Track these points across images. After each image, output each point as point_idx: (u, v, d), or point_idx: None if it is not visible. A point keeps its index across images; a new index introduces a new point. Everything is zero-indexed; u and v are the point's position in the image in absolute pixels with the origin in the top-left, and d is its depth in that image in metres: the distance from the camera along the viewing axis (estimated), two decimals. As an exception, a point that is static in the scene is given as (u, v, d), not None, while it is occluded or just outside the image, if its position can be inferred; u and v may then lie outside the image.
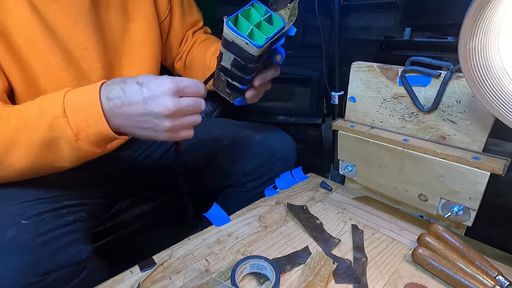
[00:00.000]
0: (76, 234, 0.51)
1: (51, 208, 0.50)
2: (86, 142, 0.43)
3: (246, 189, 0.75)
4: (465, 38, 0.38)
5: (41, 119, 0.41)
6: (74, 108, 0.41)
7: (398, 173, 0.60)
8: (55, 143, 0.42)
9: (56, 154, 0.44)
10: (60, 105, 0.41)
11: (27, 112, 0.42)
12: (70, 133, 0.41)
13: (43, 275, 0.44)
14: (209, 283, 0.43)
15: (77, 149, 0.43)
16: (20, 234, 0.44)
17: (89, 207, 0.59)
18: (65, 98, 0.41)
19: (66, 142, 0.42)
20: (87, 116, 0.41)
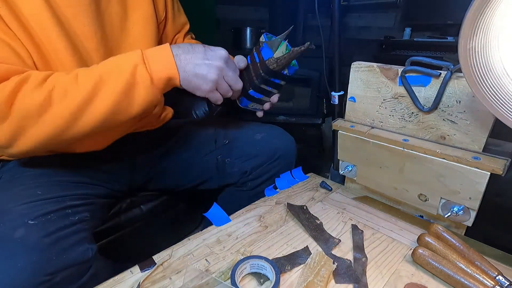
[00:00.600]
0: (81, 233, 0.51)
1: (56, 208, 0.50)
2: (157, 86, 0.51)
3: (247, 188, 0.75)
4: (465, 38, 0.38)
5: (124, 67, 0.48)
6: (151, 57, 0.50)
7: (398, 173, 0.60)
8: (134, 87, 0.49)
9: (131, 99, 0.50)
10: (140, 55, 0.49)
11: (109, 63, 0.50)
12: (147, 77, 0.49)
13: (52, 274, 0.45)
14: (209, 283, 0.43)
15: (149, 93, 0.50)
16: (28, 235, 0.44)
17: (92, 207, 0.59)
18: (144, 51, 0.50)
19: (143, 86, 0.49)
20: (161, 62, 0.50)
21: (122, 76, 0.48)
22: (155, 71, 0.50)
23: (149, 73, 0.49)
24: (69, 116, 0.47)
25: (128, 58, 0.50)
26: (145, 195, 0.83)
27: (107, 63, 0.50)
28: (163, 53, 0.51)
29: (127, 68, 0.48)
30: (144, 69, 0.49)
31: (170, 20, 0.76)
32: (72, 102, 0.46)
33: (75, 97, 0.46)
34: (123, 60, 0.50)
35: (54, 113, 0.46)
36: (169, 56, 0.51)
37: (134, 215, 0.80)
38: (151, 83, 0.50)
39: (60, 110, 0.46)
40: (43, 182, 0.54)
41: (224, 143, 0.75)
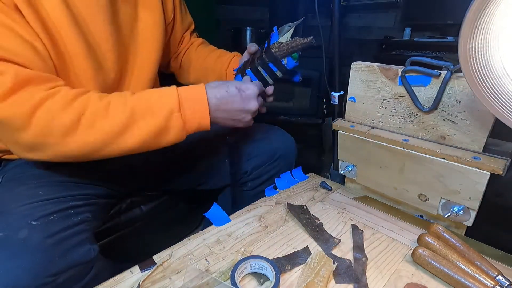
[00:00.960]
0: (84, 234, 0.51)
1: (58, 209, 0.50)
2: (187, 131, 0.52)
3: (247, 188, 0.75)
4: (465, 38, 0.38)
5: (160, 110, 0.49)
6: (186, 103, 0.50)
7: (398, 173, 0.60)
8: (165, 132, 0.50)
9: (161, 139, 0.51)
10: (176, 99, 0.50)
11: (144, 100, 0.49)
12: (180, 124, 0.50)
13: (55, 275, 0.45)
14: (209, 283, 0.43)
15: (178, 137, 0.52)
16: (31, 235, 0.44)
17: (94, 207, 0.59)
18: (178, 93, 0.50)
19: (174, 131, 0.51)
20: (196, 111, 0.51)
21: (155, 120, 0.49)
22: (189, 120, 0.51)
23: (183, 121, 0.50)
24: (93, 146, 0.47)
25: (164, 100, 0.50)
26: (145, 195, 0.83)
27: (142, 98, 0.50)
28: (199, 98, 0.51)
29: (162, 113, 0.49)
30: (179, 117, 0.50)
31: (178, 21, 0.78)
32: (99, 133, 0.47)
33: (104, 129, 0.46)
34: (159, 101, 0.50)
35: (78, 139, 0.46)
36: (204, 103, 0.52)
37: (134, 215, 0.80)
38: (182, 129, 0.51)
39: (86, 138, 0.46)
40: (45, 182, 0.54)
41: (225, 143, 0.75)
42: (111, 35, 0.58)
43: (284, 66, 0.64)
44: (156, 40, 0.68)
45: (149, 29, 0.66)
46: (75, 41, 0.53)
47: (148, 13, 0.66)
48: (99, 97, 0.48)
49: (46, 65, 0.49)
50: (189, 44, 0.84)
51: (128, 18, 0.63)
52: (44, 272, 0.43)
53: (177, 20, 0.78)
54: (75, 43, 0.53)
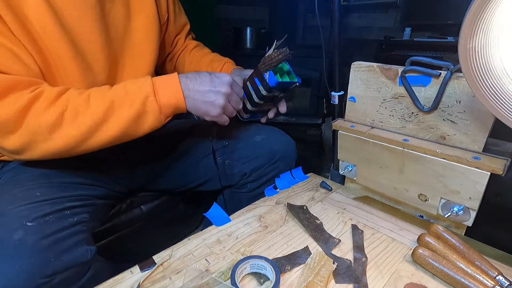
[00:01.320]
0: (80, 235, 0.51)
1: (54, 210, 0.50)
2: (164, 113, 0.54)
3: (246, 190, 0.75)
4: (465, 38, 0.38)
5: (136, 96, 0.51)
6: (160, 87, 0.53)
7: (398, 173, 0.60)
8: (144, 116, 0.52)
9: (140, 125, 0.53)
10: (150, 85, 0.52)
11: (121, 90, 0.52)
12: (156, 107, 0.52)
13: (50, 276, 0.45)
14: (209, 283, 0.43)
15: (156, 120, 0.54)
16: (26, 236, 0.44)
17: (92, 208, 0.59)
18: (153, 81, 0.53)
19: (151, 115, 0.53)
20: (169, 92, 0.53)
21: (133, 105, 0.51)
22: (164, 101, 0.53)
23: (158, 104, 0.53)
24: (79, 137, 0.49)
25: (139, 87, 0.52)
26: (145, 195, 0.83)
27: (118, 88, 0.52)
28: (172, 83, 0.54)
29: (138, 98, 0.51)
30: (154, 100, 0.52)
31: (172, 21, 0.77)
32: (82, 124, 0.49)
33: (86, 120, 0.49)
34: (134, 88, 0.52)
35: (64, 133, 0.48)
36: (177, 86, 0.54)
37: (134, 215, 0.80)
38: (159, 112, 0.53)
39: (70, 130, 0.49)
40: (42, 184, 0.54)
41: (224, 145, 0.75)
42: (100, 35, 0.58)
43: (266, 81, 0.61)
44: (151, 40, 0.67)
45: (143, 29, 0.66)
46: (60, 43, 0.53)
47: (141, 13, 0.65)
48: (78, 92, 0.50)
49: (29, 69, 0.50)
50: (184, 46, 0.84)
51: (120, 18, 0.62)
52: (39, 273, 0.43)
53: (170, 21, 0.77)
54: (60, 44, 0.53)
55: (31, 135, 0.47)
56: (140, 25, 0.65)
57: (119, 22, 0.62)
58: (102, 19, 0.58)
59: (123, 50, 0.64)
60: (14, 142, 0.47)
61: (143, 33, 0.66)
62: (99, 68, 0.59)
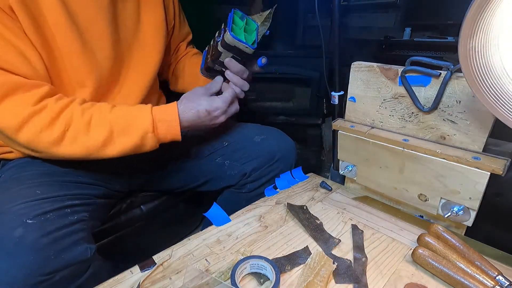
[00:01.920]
0: (80, 233, 0.51)
1: (55, 208, 0.50)
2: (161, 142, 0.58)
3: (246, 190, 0.75)
4: (465, 38, 0.38)
5: (136, 131, 0.54)
6: (160, 125, 0.56)
7: (398, 173, 0.60)
8: (141, 147, 0.56)
9: (136, 152, 0.57)
10: (150, 121, 0.55)
11: (122, 121, 0.54)
12: (154, 142, 0.57)
13: (50, 274, 0.45)
14: (209, 283, 0.43)
15: (153, 148, 0.58)
16: (26, 234, 0.44)
17: (91, 207, 0.59)
18: (153, 115, 0.55)
19: (148, 147, 0.57)
20: (169, 131, 0.57)
21: (132, 139, 0.54)
22: (162, 138, 0.57)
23: (156, 139, 0.56)
24: (77, 156, 0.53)
25: (139, 122, 0.55)
26: (145, 195, 0.83)
27: (119, 117, 0.54)
28: (172, 123, 0.57)
29: (138, 134, 0.54)
30: (153, 136, 0.56)
31: (177, 27, 0.80)
32: (81, 147, 0.52)
33: (85, 144, 0.52)
34: (134, 122, 0.55)
35: (63, 151, 0.52)
36: (176, 128, 0.57)
37: (134, 215, 0.80)
38: (156, 143, 0.57)
39: (70, 151, 0.52)
40: (43, 182, 0.55)
41: (224, 145, 0.75)
42: (110, 35, 0.60)
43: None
44: (158, 43, 0.69)
45: (151, 32, 0.68)
46: (72, 41, 0.55)
47: (150, 17, 0.67)
48: (81, 112, 0.52)
49: (35, 70, 0.52)
50: (185, 53, 0.85)
51: (130, 20, 0.64)
52: (39, 271, 0.43)
53: (176, 27, 0.79)
54: (72, 43, 0.55)
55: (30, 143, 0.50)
56: (149, 28, 0.67)
57: (129, 24, 0.64)
58: (113, 20, 0.60)
59: (131, 51, 0.66)
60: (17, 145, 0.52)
61: (151, 35, 0.68)
62: (107, 66, 0.61)
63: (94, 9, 0.57)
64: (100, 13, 0.58)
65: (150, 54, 0.69)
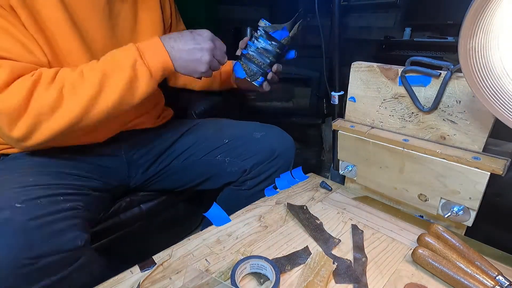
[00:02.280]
0: (72, 220, 0.50)
1: (47, 194, 0.50)
2: (155, 77, 0.56)
3: (246, 187, 0.75)
4: (465, 38, 0.38)
5: (124, 63, 0.53)
6: (146, 51, 0.55)
7: (398, 173, 0.60)
8: (135, 81, 0.54)
9: (135, 90, 0.55)
10: (136, 50, 0.54)
11: (109, 59, 0.54)
12: (146, 70, 0.55)
13: (35, 258, 0.44)
14: (209, 283, 0.43)
15: (149, 85, 0.56)
16: (13, 217, 0.44)
17: (86, 197, 0.59)
18: (137, 46, 0.55)
19: (143, 79, 0.55)
20: (156, 56, 0.56)
21: (124, 72, 0.53)
22: (152, 65, 0.55)
23: (147, 66, 0.55)
24: (80, 110, 0.51)
25: (126, 54, 0.54)
26: (144, 194, 0.83)
27: (107, 59, 0.54)
28: (156, 46, 0.56)
29: (128, 64, 0.53)
30: (142, 63, 0.54)
31: (174, 26, 0.81)
32: (81, 98, 0.51)
33: (84, 93, 0.51)
34: (121, 56, 0.54)
35: (66, 109, 0.51)
36: (161, 48, 0.56)
37: (134, 215, 0.80)
38: (150, 76, 0.55)
39: (71, 105, 0.51)
40: (37, 172, 0.55)
41: (224, 143, 0.75)
42: (106, 35, 0.61)
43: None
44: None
45: (148, 31, 0.68)
46: (71, 40, 0.56)
47: (148, 16, 0.68)
48: (71, 70, 0.53)
49: (39, 61, 0.53)
50: None
51: (128, 19, 0.65)
52: (23, 253, 0.42)
53: (173, 25, 0.80)
54: (71, 42, 0.56)
55: (35, 117, 0.49)
56: (146, 28, 0.68)
57: (126, 24, 0.65)
58: (109, 20, 0.61)
59: None
60: (21, 128, 0.49)
61: (148, 36, 0.68)
62: None
63: (91, 9, 0.58)
64: (96, 14, 0.59)
65: None
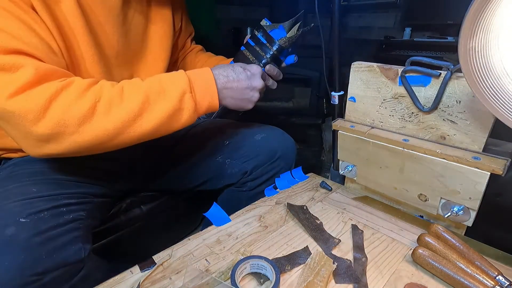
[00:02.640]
0: (75, 233, 0.50)
1: (50, 206, 0.50)
2: (198, 112, 0.54)
3: (247, 188, 0.75)
4: (465, 38, 0.38)
5: (173, 92, 0.50)
6: (196, 85, 0.52)
7: (398, 173, 0.60)
8: (179, 113, 0.51)
9: (175, 122, 0.52)
10: (187, 81, 0.51)
11: (156, 84, 0.51)
12: (192, 105, 0.52)
13: (41, 274, 0.44)
14: (209, 283, 0.43)
15: (191, 118, 0.53)
16: (18, 233, 0.44)
17: (89, 206, 0.59)
18: (189, 77, 0.52)
19: (187, 112, 0.52)
20: (206, 93, 0.53)
21: (169, 102, 0.50)
22: (200, 100, 0.53)
23: (194, 101, 0.52)
24: (111, 131, 0.47)
25: (176, 82, 0.51)
26: (145, 195, 0.83)
27: (154, 82, 0.51)
28: (208, 81, 0.54)
29: (175, 94, 0.50)
30: (191, 97, 0.52)
31: (183, 29, 0.81)
32: (116, 118, 0.47)
33: (120, 114, 0.47)
34: (170, 83, 0.51)
35: (96, 125, 0.46)
36: (212, 85, 0.54)
37: (134, 215, 0.80)
38: (194, 109, 0.53)
39: (103, 123, 0.46)
40: (39, 180, 0.54)
41: (225, 144, 0.75)
42: (117, 42, 0.61)
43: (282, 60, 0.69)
44: (164, 49, 0.70)
45: (158, 39, 0.69)
46: (87, 45, 0.55)
47: (158, 22, 0.68)
48: (111, 84, 0.49)
49: (61, 63, 0.51)
50: (190, 49, 0.87)
51: (139, 25, 0.65)
52: (29, 271, 0.42)
53: (182, 27, 0.80)
54: (87, 47, 0.55)
55: (58, 126, 0.44)
56: (157, 33, 0.68)
57: (138, 30, 0.65)
58: (124, 26, 0.61)
59: (139, 56, 0.67)
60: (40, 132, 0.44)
61: (158, 40, 0.68)
62: (117, 73, 0.62)
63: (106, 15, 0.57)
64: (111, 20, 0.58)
65: (157, 58, 0.70)
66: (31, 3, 0.46)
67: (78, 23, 0.53)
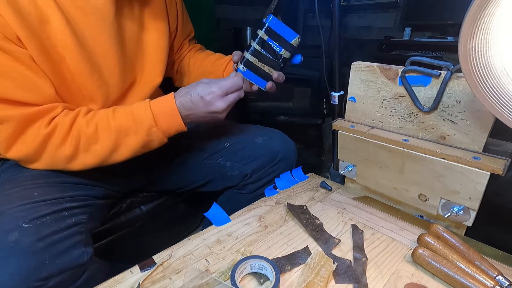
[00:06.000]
0: (77, 237, 0.51)
1: (52, 211, 0.50)
2: (168, 135, 0.59)
3: (246, 191, 0.75)
4: (465, 38, 0.38)
5: (139, 128, 0.56)
6: (161, 119, 0.57)
7: (398, 173, 0.60)
8: (150, 143, 0.58)
9: (149, 147, 0.59)
10: (151, 117, 0.56)
11: (125, 121, 0.56)
12: (161, 136, 0.58)
13: (45, 279, 0.44)
14: (209, 283, 0.43)
15: (162, 142, 0.59)
16: (21, 238, 0.44)
17: (90, 208, 0.59)
18: (152, 110, 0.56)
19: (157, 141, 0.58)
20: (171, 122, 0.57)
21: (138, 137, 0.56)
22: (166, 130, 0.58)
23: (161, 132, 0.57)
24: (93, 164, 0.56)
25: (141, 119, 0.56)
26: (145, 195, 0.83)
27: (122, 118, 0.56)
28: (172, 113, 0.57)
29: (143, 131, 0.56)
30: (157, 130, 0.57)
31: (180, 30, 0.79)
32: (96, 154, 0.55)
33: (98, 152, 0.55)
34: (137, 120, 0.56)
35: (80, 161, 0.55)
36: (176, 116, 0.57)
37: (134, 215, 0.80)
38: (163, 137, 0.58)
39: (86, 159, 0.55)
40: (41, 183, 0.54)
41: (225, 146, 0.75)
42: (116, 51, 0.60)
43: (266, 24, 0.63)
44: (161, 51, 0.69)
45: (154, 41, 0.68)
46: (80, 62, 0.55)
47: (153, 25, 0.67)
48: (86, 124, 0.54)
49: (44, 94, 0.52)
50: (188, 50, 0.85)
51: (134, 32, 0.64)
52: (33, 276, 0.43)
53: (179, 29, 0.79)
54: (80, 64, 0.55)
55: (50, 165, 0.54)
56: (152, 36, 0.67)
57: (133, 36, 0.64)
58: (118, 35, 0.60)
59: (135, 62, 0.66)
60: (37, 167, 0.55)
61: (153, 44, 0.68)
62: (114, 83, 0.61)
63: (99, 27, 0.57)
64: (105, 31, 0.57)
65: (154, 62, 0.69)
66: (16, 35, 0.47)
67: (69, 42, 0.53)
